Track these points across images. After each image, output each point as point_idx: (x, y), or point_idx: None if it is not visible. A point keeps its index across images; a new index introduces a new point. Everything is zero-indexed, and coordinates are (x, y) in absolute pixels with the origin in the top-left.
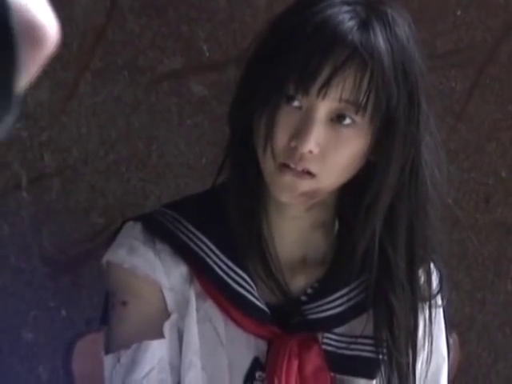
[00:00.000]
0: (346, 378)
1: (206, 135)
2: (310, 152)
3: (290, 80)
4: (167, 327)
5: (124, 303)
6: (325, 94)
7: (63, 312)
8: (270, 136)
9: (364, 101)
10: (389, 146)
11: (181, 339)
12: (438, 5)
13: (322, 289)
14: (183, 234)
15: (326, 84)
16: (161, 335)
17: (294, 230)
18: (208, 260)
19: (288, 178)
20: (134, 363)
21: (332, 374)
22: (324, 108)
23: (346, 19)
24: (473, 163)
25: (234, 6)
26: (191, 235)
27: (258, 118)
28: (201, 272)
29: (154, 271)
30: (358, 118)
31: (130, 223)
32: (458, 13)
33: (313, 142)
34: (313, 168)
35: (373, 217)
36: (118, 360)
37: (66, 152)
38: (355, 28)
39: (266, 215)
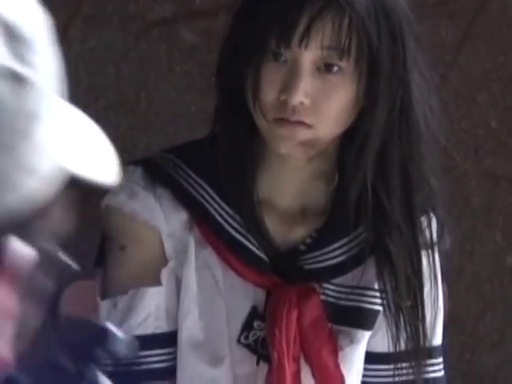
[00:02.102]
0: (343, 328)
1: (196, 83)
2: (302, 103)
3: (270, 35)
4: (165, 274)
5: (122, 247)
6: (306, 44)
7: None
8: (257, 93)
9: (346, 45)
10: (374, 88)
11: (179, 286)
12: None
13: (321, 239)
14: (184, 180)
15: (306, 33)
16: (158, 282)
17: (295, 181)
18: (208, 207)
19: (284, 129)
20: (130, 309)
21: (330, 325)
22: (308, 58)
23: None
24: (463, 113)
25: None
26: (192, 181)
27: (245, 76)
28: (201, 219)
29: (153, 217)
30: (343, 64)
31: (131, 167)
32: None
33: (302, 93)
34: (307, 119)
35: (363, 160)
36: (115, 305)
37: None
38: None
39: (266, 168)
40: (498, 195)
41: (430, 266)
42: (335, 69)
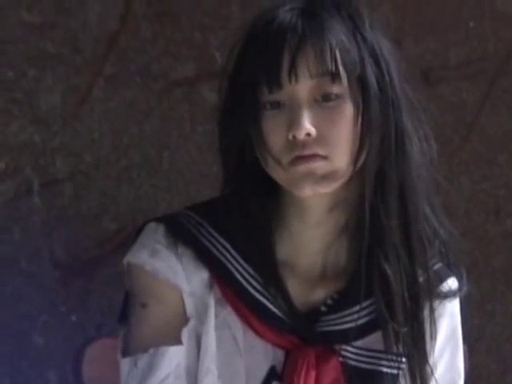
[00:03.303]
0: None
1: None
2: (309, 135)
3: (261, 84)
4: (185, 333)
5: (144, 305)
6: (295, 77)
7: (73, 317)
8: (265, 145)
9: (333, 68)
10: (368, 110)
11: (199, 345)
12: (451, 16)
13: (342, 301)
14: (205, 239)
15: (292, 67)
16: (179, 341)
17: (316, 238)
18: (229, 266)
19: (302, 166)
20: (150, 368)
21: None
22: (302, 90)
23: (290, 10)
24: (484, 174)
25: (246, 14)
26: (213, 240)
27: (249, 135)
28: (221, 278)
29: (175, 276)
30: (338, 90)
31: (153, 224)
32: (471, 24)
33: (307, 124)
34: (320, 150)
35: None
36: (135, 364)
37: (77, 157)
38: (301, 12)
39: (286, 227)
40: None
41: (448, 330)
42: (332, 97)
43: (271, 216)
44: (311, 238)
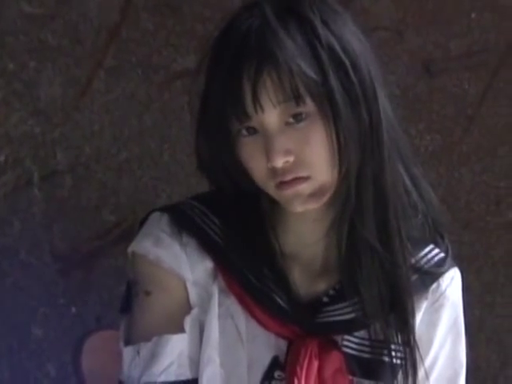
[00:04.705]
0: (365, 381)
1: None
2: (287, 162)
3: (229, 117)
4: (188, 321)
5: (147, 293)
6: (261, 108)
7: (73, 309)
8: (250, 173)
9: (294, 92)
10: (337, 120)
11: (202, 334)
12: (453, 7)
13: (347, 288)
14: (210, 229)
15: (255, 99)
16: (181, 329)
17: (316, 232)
18: (233, 256)
19: (288, 191)
20: (153, 356)
21: (351, 378)
22: (270, 119)
23: (245, 31)
24: (485, 166)
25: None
26: (218, 230)
27: (231, 159)
28: (225, 267)
29: (178, 265)
30: (305, 108)
31: (157, 214)
32: (473, 16)
33: (282, 154)
34: (301, 172)
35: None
36: (138, 352)
37: (78, 149)
38: (256, 30)
39: (286, 222)
40: None
41: (450, 321)
42: (303, 116)
43: (272, 208)
44: (310, 232)
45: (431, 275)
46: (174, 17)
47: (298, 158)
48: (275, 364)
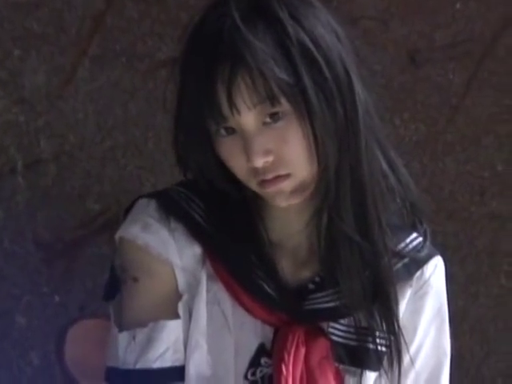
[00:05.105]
0: (350, 368)
1: None
2: (267, 162)
3: (207, 119)
4: (181, 307)
5: (135, 279)
6: (237, 111)
7: (56, 297)
8: (232, 170)
9: (269, 94)
10: (313, 117)
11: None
12: None
13: (329, 279)
14: (197, 215)
15: (230, 103)
16: (176, 315)
17: (300, 221)
18: (220, 242)
19: (270, 188)
20: (149, 342)
21: (336, 365)
22: (247, 120)
23: (216, 32)
24: (469, 156)
25: None
26: (205, 216)
27: (211, 158)
28: (213, 253)
29: (166, 250)
30: (281, 108)
31: (144, 200)
32: (457, 6)
33: (261, 155)
34: (282, 171)
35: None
36: (134, 338)
37: (62, 138)
38: (228, 31)
39: (271, 211)
40: (502, 238)
41: (434, 308)
42: (280, 115)
43: (256, 196)
44: (295, 221)
45: (416, 263)
46: (158, 5)
47: (277, 156)
48: (262, 351)
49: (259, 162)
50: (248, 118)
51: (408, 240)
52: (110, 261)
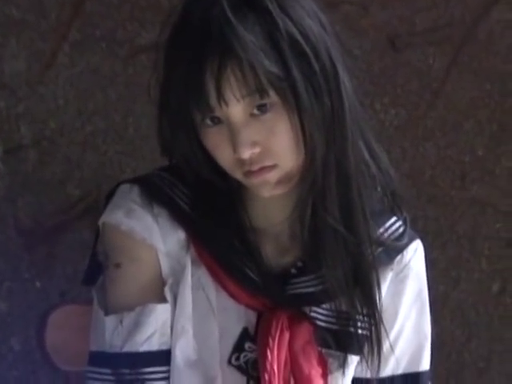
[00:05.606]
0: (333, 352)
1: None
2: (254, 153)
3: (193, 110)
4: (168, 292)
5: (117, 265)
6: (225, 102)
7: (37, 283)
8: (217, 161)
9: (258, 86)
10: (301, 109)
11: (175, 305)
12: None
13: (311, 263)
14: (180, 200)
15: (218, 94)
16: (163, 299)
17: (283, 207)
18: (204, 227)
19: (255, 179)
20: (136, 326)
21: (320, 349)
22: (235, 112)
23: (201, 37)
24: (449, 141)
25: None
26: (188, 201)
27: (196, 148)
28: (197, 238)
29: (150, 235)
30: (269, 99)
31: (126, 186)
32: None
33: (248, 146)
34: (268, 162)
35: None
36: (121, 321)
37: (42, 123)
38: (217, 21)
39: (254, 197)
40: (483, 223)
41: (414, 291)
42: (267, 106)
43: (240, 184)
44: (278, 207)
45: (396, 248)
46: None
47: (264, 148)
48: (245, 336)
49: (246, 153)
50: (236, 109)
51: (387, 224)
52: (91, 246)
